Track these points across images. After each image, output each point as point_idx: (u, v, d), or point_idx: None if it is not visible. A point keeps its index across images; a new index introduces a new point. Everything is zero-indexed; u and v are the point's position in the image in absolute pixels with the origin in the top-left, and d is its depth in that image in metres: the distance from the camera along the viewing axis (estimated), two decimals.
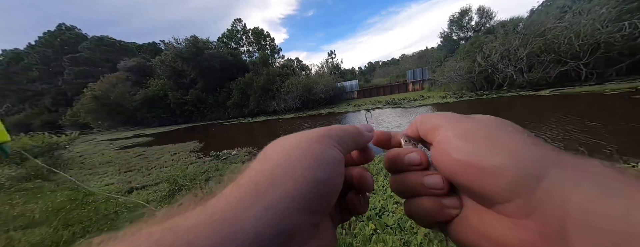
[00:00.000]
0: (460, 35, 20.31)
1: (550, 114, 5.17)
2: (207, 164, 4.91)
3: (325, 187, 0.17)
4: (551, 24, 9.32)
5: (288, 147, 0.18)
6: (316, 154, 0.18)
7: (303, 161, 0.17)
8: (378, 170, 3.21)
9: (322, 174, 0.17)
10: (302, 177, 0.16)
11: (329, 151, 0.18)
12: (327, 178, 0.17)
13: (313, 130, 0.21)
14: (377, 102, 15.58)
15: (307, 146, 0.18)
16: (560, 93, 7.80)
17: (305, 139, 0.19)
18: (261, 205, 0.14)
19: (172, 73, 23.36)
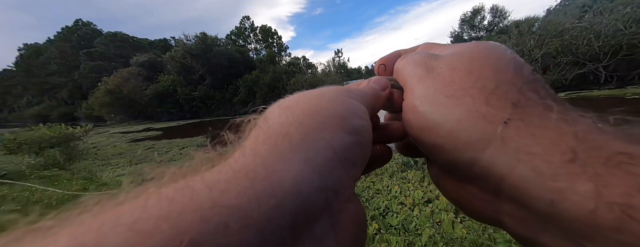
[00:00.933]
0: (471, 35, 19.75)
1: None
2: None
3: (363, 137, 0.15)
4: (569, 24, 8.91)
5: (313, 98, 0.16)
6: (347, 104, 0.16)
7: (336, 110, 0.15)
8: (382, 170, 3.19)
9: (358, 121, 0.15)
10: (339, 126, 0.14)
11: (357, 102, 0.17)
12: (363, 126, 0.16)
13: (331, 86, 0.19)
14: None
15: (334, 97, 0.16)
16: (577, 96, 7.48)
17: (331, 91, 0.17)
18: (300, 158, 0.12)
19: (181, 69, 23.88)
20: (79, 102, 34.63)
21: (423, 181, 2.72)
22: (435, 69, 0.17)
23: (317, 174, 0.12)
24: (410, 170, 3.12)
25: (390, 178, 2.94)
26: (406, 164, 3.36)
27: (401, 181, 2.79)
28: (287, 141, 0.13)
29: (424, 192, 2.42)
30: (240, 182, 0.10)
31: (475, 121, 0.14)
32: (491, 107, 0.14)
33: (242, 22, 31.15)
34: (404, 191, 2.53)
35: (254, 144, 0.13)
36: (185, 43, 23.26)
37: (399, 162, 3.44)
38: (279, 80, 20.17)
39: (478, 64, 0.16)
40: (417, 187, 2.56)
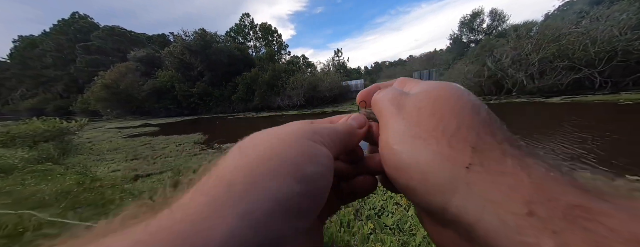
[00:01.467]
0: (470, 38, 19.88)
1: (561, 122, 5.05)
2: (211, 156, 5.00)
3: (316, 186, 0.14)
4: (567, 29, 9.02)
5: (271, 141, 0.16)
6: (304, 149, 0.15)
7: (290, 155, 0.14)
8: None
9: (313, 168, 0.15)
10: (290, 174, 0.13)
11: (318, 147, 0.16)
12: (318, 173, 0.15)
13: (297, 123, 0.19)
14: None
15: (296, 140, 0.16)
16: (572, 101, 7.59)
17: (292, 132, 0.17)
18: (237, 212, 0.11)
19: (180, 65, 23.65)
20: (74, 96, 34.15)
21: None
22: (405, 107, 0.18)
23: (253, 230, 0.11)
24: None
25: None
26: None
27: None
28: (229, 191, 0.12)
29: None
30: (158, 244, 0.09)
31: (442, 164, 0.14)
32: (453, 150, 0.14)
33: (242, 19, 30.93)
34: (393, 196, 2.56)
35: (194, 194, 0.13)
36: (183, 39, 23.03)
37: None
38: (278, 78, 20.10)
39: (440, 106, 0.16)
40: None
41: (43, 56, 40.71)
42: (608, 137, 3.69)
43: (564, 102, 7.59)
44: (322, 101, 19.51)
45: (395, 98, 0.19)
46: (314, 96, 18.99)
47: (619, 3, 8.75)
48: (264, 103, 20.27)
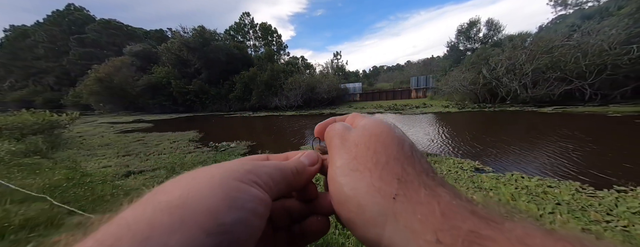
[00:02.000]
0: (467, 46, 20.33)
1: (551, 131, 5.19)
2: (206, 155, 4.91)
3: (234, 237, 0.13)
4: (559, 41, 9.33)
5: (189, 185, 0.14)
6: (228, 192, 0.14)
7: (206, 202, 0.13)
8: None
9: (233, 216, 0.13)
10: (197, 225, 0.12)
11: (247, 189, 0.15)
12: (239, 222, 0.13)
13: (236, 162, 0.18)
14: (379, 106, 15.58)
15: (220, 181, 0.14)
16: (563, 111, 7.81)
17: (223, 173, 0.15)
18: None
19: (177, 61, 23.34)
20: (66, 89, 33.19)
21: None
22: (348, 141, 0.19)
23: None
24: None
25: None
26: None
27: None
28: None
29: None
30: None
31: (374, 196, 0.15)
32: (383, 183, 0.15)
33: (242, 18, 30.88)
34: None
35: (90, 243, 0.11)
36: (182, 35, 22.80)
37: None
38: (276, 78, 20.05)
39: (374, 140, 0.18)
40: None
41: (35, 47, 39.54)
42: (607, 148, 3.80)
43: (555, 112, 7.81)
44: (320, 103, 19.52)
45: (342, 133, 0.21)
46: (311, 97, 18.99)
47: (609, 19, 9.13)
48: (261, 103, 20.16)
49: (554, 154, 3.64)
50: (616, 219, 1.82)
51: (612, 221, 1.81)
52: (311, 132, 7.97)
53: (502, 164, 3.42)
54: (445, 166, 3.45)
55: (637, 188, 2.28)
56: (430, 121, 8.18)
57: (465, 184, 2.72)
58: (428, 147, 4.67)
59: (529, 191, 2.41)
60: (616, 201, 2.08)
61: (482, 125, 6.93)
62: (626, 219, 1.79)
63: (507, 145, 4.39)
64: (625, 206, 1.98)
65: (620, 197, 2.15)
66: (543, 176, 2.83)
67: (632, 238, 1.59)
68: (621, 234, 1.64)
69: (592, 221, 1.82)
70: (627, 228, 1.71)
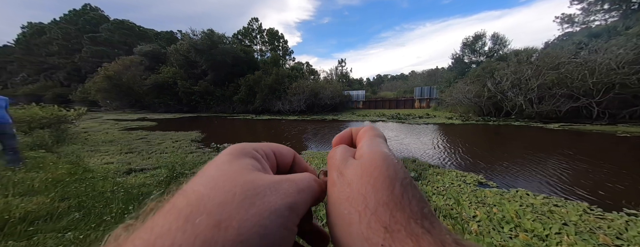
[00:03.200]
0: (472, 59, 20.44)
1: (558, 149, 5.10)
2: (207, 155, 4.92)
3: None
4: (566, 58, 9.34)
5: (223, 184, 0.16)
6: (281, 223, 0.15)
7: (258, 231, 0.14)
8: None
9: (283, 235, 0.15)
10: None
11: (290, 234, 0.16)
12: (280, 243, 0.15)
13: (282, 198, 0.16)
14: (382, 114, 15.57)
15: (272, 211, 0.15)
16: (570, 129, 7.70)
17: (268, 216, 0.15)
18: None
19: (184, 63, 23.88)
20: (75, 85, 33.97)
21: None
22: (344, 177, 0.19)
23: None
24: None
25: None
26: None
27: None
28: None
29: None
30: None
31: (363, 244, 0.15)
32: (371, 231, 0.15)
33: (251, 23, 31.72)
34: None
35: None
36: (191, 37, 23.41)
37: None
38: (280, 83, 20.30)
39: (365, 182, 0.17)
40: None
41: (49, 44, 40.92)
42: (616, 168, 3.71)
43: (561, 129, 7.70)
44: (323, 108, 19.59)
45: (339, 165, 0.20)
46: (315, 103, 19.09)
47: (617, 38, 9.15)
48: (264, 106, 20.31)
49: (562, 173, 3.57)
50: (627, 243, 1.75)
51: (623, 245, 1.74)
52: (311, 136, 7.97)
53: (507, 180, 3.35)
54: (448, 178, 3.39)
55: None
56: (434, 132, 8.12)
57: (468, 199, 2.66)
58: (431, 159, 4.62)
59: (534, 209, 2.35)
60: (626, 225, 2.00)
61: (487, 138, 6.85)
62: (637, 244, 1.72)
63: (512, 160, 4.31)
64: (636, 230, 1.91)
65: (631, 220, 2.07)
66: (549, 194, 2.76)
67: None
68: None
69: (601, 245, 1.75)
70: None
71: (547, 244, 1.78)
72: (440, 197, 2.71)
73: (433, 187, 3.07)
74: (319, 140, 7.13)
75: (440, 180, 3.33)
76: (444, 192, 2.87)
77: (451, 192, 2.91)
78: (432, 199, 2.72)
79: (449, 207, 2.47)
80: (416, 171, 3.71)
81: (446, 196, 2.76)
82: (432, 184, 3.18)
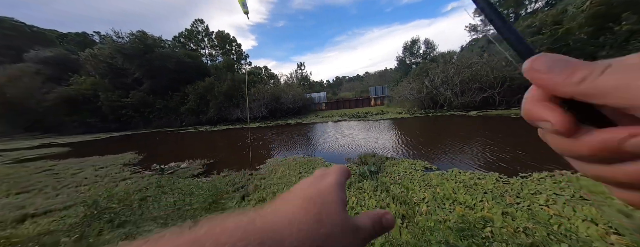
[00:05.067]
0: (412, 61, 23.73)
1: (477, 131, 6.36)
2: (147, 180, 4.10)
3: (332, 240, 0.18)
4: (475, 59, 11.88)
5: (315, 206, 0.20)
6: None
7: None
8: None
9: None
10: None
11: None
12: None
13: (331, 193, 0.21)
14: (344, 114, 16.35)
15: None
16: (483, 115, 9.78)
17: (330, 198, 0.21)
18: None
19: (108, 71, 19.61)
20: None
21: (376, 190, 2.90)
22: None
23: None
24: (365, 180, 3.29)
25: (348, 189, 3.02)
26: (362, 175, 3.54)
27: (358, 191, 2.90)
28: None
29: (377, 200, 2.57)
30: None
31: None
32: None
33: (194, 25, 28.69)
34: (360, 201, 2.63)
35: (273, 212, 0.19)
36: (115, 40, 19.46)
37: (355, 173, 3.60)
38: (237, 89, 18.93)
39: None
40: (371, 197, 2.70)
41: None
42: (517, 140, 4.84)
43: (478, 116, 9.70)
44: (286, 113, 19.20)
45: None
46: (277, 108, 18.54)
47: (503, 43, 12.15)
48: (220, 115, 18.52)
49: (481, 150, 4.44)
50: (522, 200, 2.29)
51: (520, 202, 2.26)
52: (279, 144, 7.68)
53: (445, 162, 3.96)
54: (402, 167, 3.77)
55: (532, 174, 2.94)
56: (388, 127, 8.99)
57: (418, 183, 3.01)
58: (388, 151, 5.07)
59: (465, 184, 2.83)
60: (521, 186, 2.63)
61: (428, 128, 8.00)
62: (528, 200, 2.28)
63: (447, 144, 5.14)
64: (527, 189, 2.52)
65: (524, 182, 2.73)
66: (474, 170, 3.38)
67: (534, 215, 2.01)
68: (526, 212, 2.06)
69: (508, 204, 2.24)
70: (530, 206, 2.17)
71: (475, 211, 2.15)
72: (396, 186, 2.97)
73: (390, 178, 3.34)
74: (284, 145, 6.93)
75: (395, 170, 3.67)
76: (399, 181, 3.17)
77: (405, 179, 3.24)
78: (390, 188, 2.96)
79: (404, 194, 2.73)
80: (376, 165, 3.98)
81: (401, 184, 3.05)
82: (389, 175, 3.47)
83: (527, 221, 1.91)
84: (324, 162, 4.59)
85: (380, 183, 3.11)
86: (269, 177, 3.82)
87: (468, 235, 1.74)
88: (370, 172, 3.58)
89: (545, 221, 1.86)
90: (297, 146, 6.67)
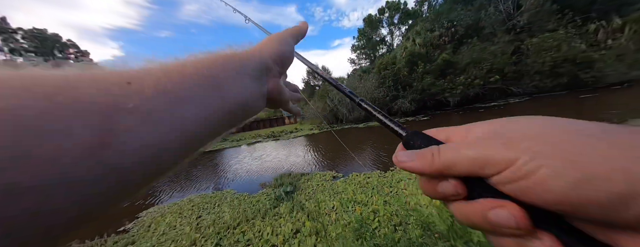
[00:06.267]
0: (315, 83, 27.63)
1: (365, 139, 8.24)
2: None
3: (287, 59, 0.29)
4: (356, 84, 15.83)
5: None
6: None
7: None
8: (255, 212, 2.98)
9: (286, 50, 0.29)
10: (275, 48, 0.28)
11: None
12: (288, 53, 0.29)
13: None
14: (258, 135, 15.57)
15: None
16: (367, 126, 12.95)
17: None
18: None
19: None
20: None
21: (292, 211, 2.92)
22: None
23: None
24: (282, 204, 3.23)
25: (262, 220, 2.81)
26: (278, 198, 3.45)
27: (273, 219, 2.77)
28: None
29: (293, 223, 2.58)
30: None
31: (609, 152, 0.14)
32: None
33: None
34: (275, 229, 2.52)
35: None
36: None
37: (271, 197, 3.45)
38: None
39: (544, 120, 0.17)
40: (287, 220, 2.67)
41: None
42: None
43: (364, 127, 12.72)
44: None
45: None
46: None
47: (369, 74, 17.20)
48: None
49: (368, 154, 5.75)
50: (393, 189, 3.20)
51: (392, 190, 3.14)
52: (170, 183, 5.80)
53: (347, 169, 4.74)
54: (315, 181, 4.07)
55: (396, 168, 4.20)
56: (302, 143, 9.56)
57: (328, 194, 3.35)
58: (302, 168, 5.31)
59: (360, 185, 3.51)
60: (392, 177, 3.67)
61: (333, 140, 9.37)
62: (396, 187, 3.21)
63: (346, 152, 6.24)
64: (395, 179, 3.56)
65: (393, 174, 3.83)
66: (367, 171, 4.30)
67: (399, 198, 2.85)
68: (395, 197, 2.87)
69: (386, 194, 3.02)
70: (397, 192, 3.04)
71: (368, 207, 2.69)
72: (310, 202, 3.14)
73: (305, 194, 3.49)
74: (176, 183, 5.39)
75: (309, 185, 3.89)
76: (312, 196, 3.37)
77: (318, 193, 3.50)
78: (305, 205, 3.07)
79: (318, 208, 2.92)
80: (292, 184, 4.02)
81: (314, 198, 3.26)
82: (304, 192, 3.61)
83: (396, 204, 2.64)
84: (234, 194, 4.04)
85: (296, 203, 3.16)
86: (143, 238, 2.78)
87: (361, 233, 2.10)
88: (286, 194, 3.56)
89: (402, 201, 2.65)
90: (197, 182, 5.46)
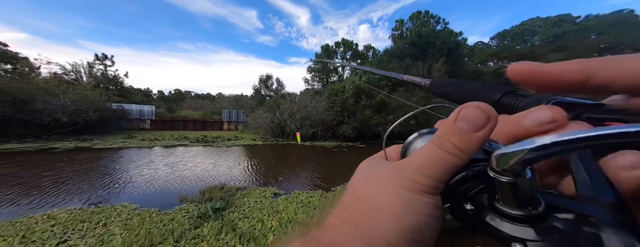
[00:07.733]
0: (266, 92, 26.71)
1: (309, 156, 8.32)
2: None
3: (419, 235, 0.16)
4: (308, 103, 16.46)
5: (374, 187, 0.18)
6: (404, 201, 0.16)
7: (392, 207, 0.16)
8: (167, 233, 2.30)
9: (414, 220, 0.16)
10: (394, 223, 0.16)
11: (417, 197, 0.17)
12: (420, 225, 0.16)
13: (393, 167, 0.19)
14: (184, 138, 12.89)
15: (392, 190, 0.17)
16: (313, 145, 13.27)
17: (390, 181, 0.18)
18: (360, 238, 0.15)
19: None
20: None
21: (221, 232, 2.43)
22: None
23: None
24: (206, 223, 2.64)
25: (175, 244, 2.17)
26: (203, 216, 2.82)
27: (191, 244, 2.20)
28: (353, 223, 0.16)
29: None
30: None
31: None
32: None
33: None
34: None
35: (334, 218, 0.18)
36: None
37: (193, 215, 2.78)
38: None
39: None
40: (211, 245, 2.18)
41: None
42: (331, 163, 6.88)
43: (310, 145, 12.95)
44: (51, 128, 10.56)
45: None
46: (23, 119, 9.59)
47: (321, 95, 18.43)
48: None
49: (311, 172, 5.77)
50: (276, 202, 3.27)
51: (274, 202, 3.20)
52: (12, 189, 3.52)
53: (290, 186, 4.54)
54: (253, 197, 3.62)
55: (336, 188, 4.40)
56: (241, 153, 8.57)
57: (267, 212, 3.03)
58: (238, 181, 4.66)
59: (302, 204, 3.39)
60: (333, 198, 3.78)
61: (278, 155, 8.94)
62: None
63: (291, 169, 6.05)
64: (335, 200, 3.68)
65: (335, 195, 3.96)
66: (308, 189, 4.24)
67: None
68: None
69: (308, 211, 3.03)
70: None
71: None
72: (245, 222, 2.72)
73: (240, 212, 3.01)
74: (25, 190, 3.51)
75: (246, 202, 3.41)
76: (249, 214, 2.95)
77: (255, 209, 3.10)
78: (238, 225, 2.63)
79: (253, 228, 2.55)
80: (224, 199, 3.41)
81: (250, 217, 2.86)
82: (239, 209, 3.12)
83: None
84: (135, 210, 3.00)
85: (226, 222, 2.66)
86: None
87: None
88: (214, 211, 2.97)
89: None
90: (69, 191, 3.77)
